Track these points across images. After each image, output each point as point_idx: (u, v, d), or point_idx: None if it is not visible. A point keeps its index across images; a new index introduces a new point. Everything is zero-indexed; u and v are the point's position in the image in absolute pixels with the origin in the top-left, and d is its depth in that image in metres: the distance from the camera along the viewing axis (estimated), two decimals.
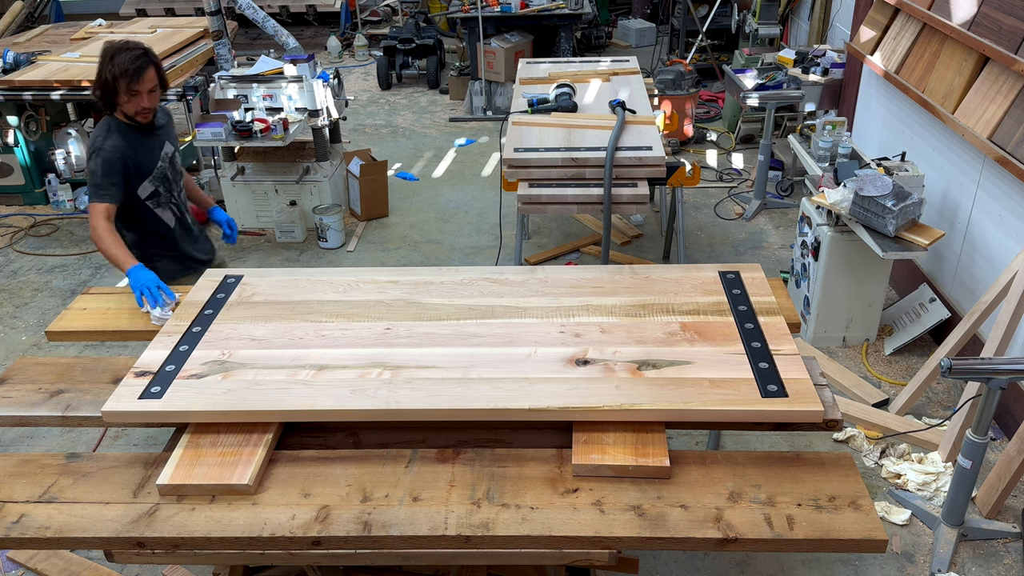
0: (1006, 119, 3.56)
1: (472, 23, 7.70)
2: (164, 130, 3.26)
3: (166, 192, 3.23)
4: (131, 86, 2.96)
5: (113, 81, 2.94)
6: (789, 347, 2.24)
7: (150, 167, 3.15)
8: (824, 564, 3.04)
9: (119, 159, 3.03)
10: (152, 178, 3.16)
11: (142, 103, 3.02)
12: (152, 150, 3.17)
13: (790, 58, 6.16)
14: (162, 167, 3.20)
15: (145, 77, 2.97)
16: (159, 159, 3.19)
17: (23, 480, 2.08)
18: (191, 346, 2.35)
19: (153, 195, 3.19)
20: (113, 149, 3.03)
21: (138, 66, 2.94)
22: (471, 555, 1.90)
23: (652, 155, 3.81)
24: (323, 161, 5.77)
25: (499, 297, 2.57)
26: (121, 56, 2.93)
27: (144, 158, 3.13)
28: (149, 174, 3.15)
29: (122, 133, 3.07)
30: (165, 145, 3.23)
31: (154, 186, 3.17)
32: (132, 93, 2.98)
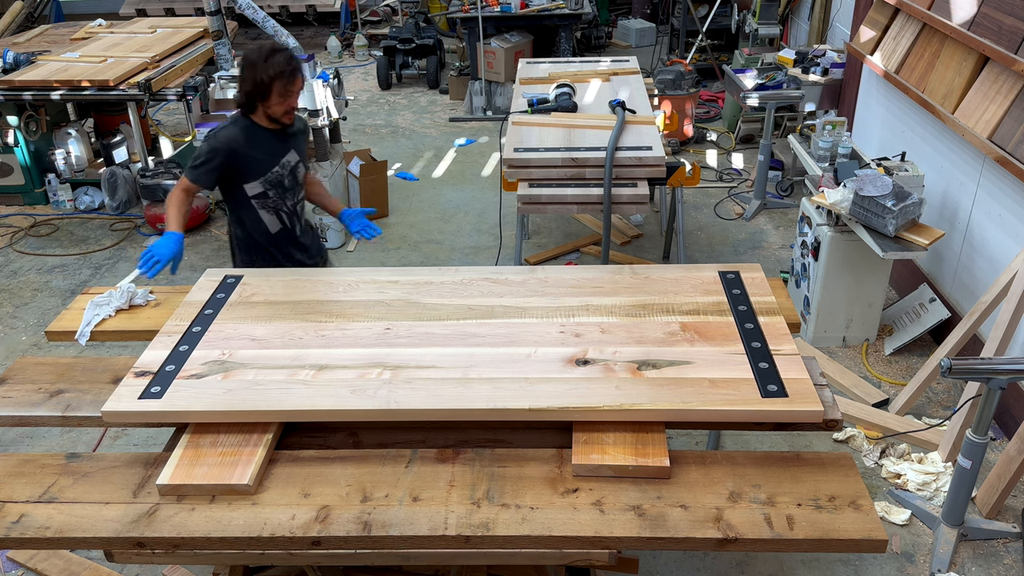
0: (1006, 119, 3.56)
1: (472, 23, 7.70)
2: (295, 139, 3.26)
3: (276, 198, 3.22)
4: (287, 87, 2.99)
5: (269, 82, 2.96)
6: (789, 347, 2.24)
7: (264, 169, 3.14)
8: (824, 564, 3.04)
9: (225, 150, 3.06)
10: (264, 180, 3.16)
11: (293, 103, 3.06)
12: (274, 154, 3.16)
13: (790, 58, 6.16)
14: (279, 173, 3.18)
15: (299, 81, 3.03)
16: (278, 164, 3.17)
17: (23, 480, 2.08)
18: (191, 346, 2.35)
19: (261, 196, 3.19)
20: (225, 140, 3.06)
21: (293, 67, 2.98)
22: (471, 555, 1.90)
23: (652, 155, 3.81)
24: (323, 161, 5.77)
25: (499, 297, 2.57)
26: (276, 57, 2.95)
27: (261, 158, 3.13)
28: (261, 175, 3.14)
29: (245, 129, 3.10)
30: (290, 153, 3.22)
31: (263, 188, 3.17)
32: (286, 94, 3.01)
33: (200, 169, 3.08)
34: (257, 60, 2.98)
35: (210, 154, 3.06)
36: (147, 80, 5.75)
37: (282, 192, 3.23)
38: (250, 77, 3.00)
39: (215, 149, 3.06)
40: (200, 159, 3.08)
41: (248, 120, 3.11)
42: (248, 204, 3.20)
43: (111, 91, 5.70)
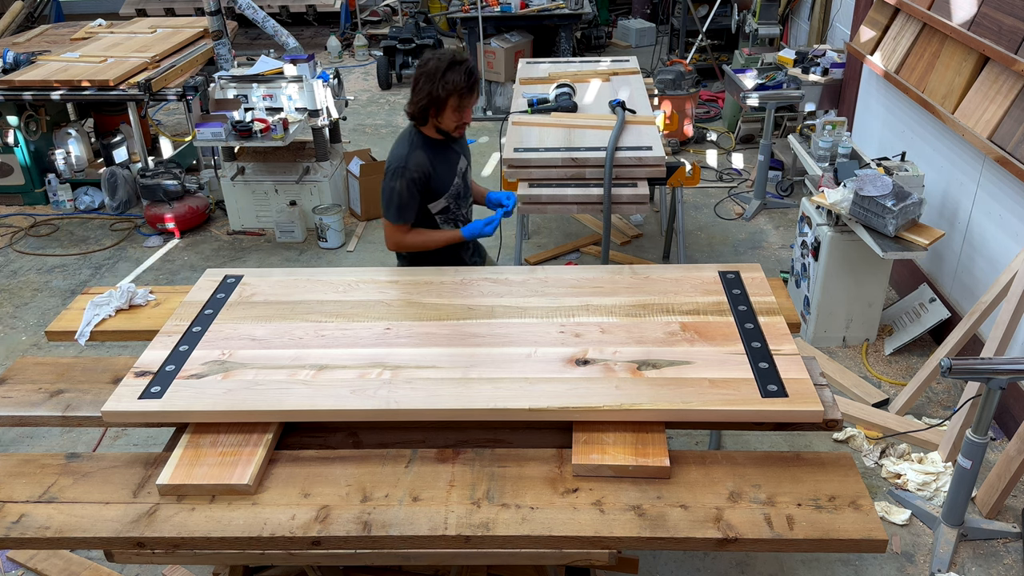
0: (1006, 119, 3.56)
1: (472, 23, 7.70)
2: (460, 143, 3.16)
3: (455, 208, 3.15)
4: (463, 101, 2.88)
5: (446, 97, 2.85)
6: (789, 347, 2.24)
7: (447, 184, 3.06)
8: (824, 564, 3.04)
9: (421, 178, 2.96)
10: (447, 195, 3.08)
11: (466, 118, 2.96)
12: (451, 165, 3.08)
13: (790, 58, 6.16)
14: (457, 184, 3.10)
15: (475, 94, 2.91)
16: (455, 175, 3.09)
17: (23, 480, 2.08)
18: (191, 346, 2.35)
19: (444, 211, 3.11)
20: (418, 168, 2.95)
21: (471, 82, 2.87)
22: (471, 555, 1.90)
23: (652, 155, 3.81)
24: (323, 161, 5.77)
25: (499, 297, 2.57)
26: (454, 72, 2.83)
27: (444, 175, 3.04)
28: (445, 191, 3.06)
29: (426, 148, 2.99)
30: (460, 160, 3.13)
31: (447, 203, 3.10)
32: (461, 109, 2.90)
33: (409, 208, 2.98)
34: (435, 72, 2.85)
35: (411, 187, 2.95)
36: (147, 80, 5.75)
37: (459, 201, 3.15)
38: (426, 90, 2.87)
39: (414, 181, 2.95)
40: (405, 198, 2.96)
41: (422, 136, 3.00)
42: (430, 222, 3.10)
43: (111, 91, 5.70)
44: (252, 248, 5.65)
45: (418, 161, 2.95)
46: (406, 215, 2.99)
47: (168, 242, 5.74)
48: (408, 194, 2.95)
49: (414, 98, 2.94)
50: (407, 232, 3.04)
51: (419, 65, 2.92)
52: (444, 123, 2.94)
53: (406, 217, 2.99)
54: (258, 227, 5.87)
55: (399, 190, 2.94)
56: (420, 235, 3.05)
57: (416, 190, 2.96)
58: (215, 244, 5.71)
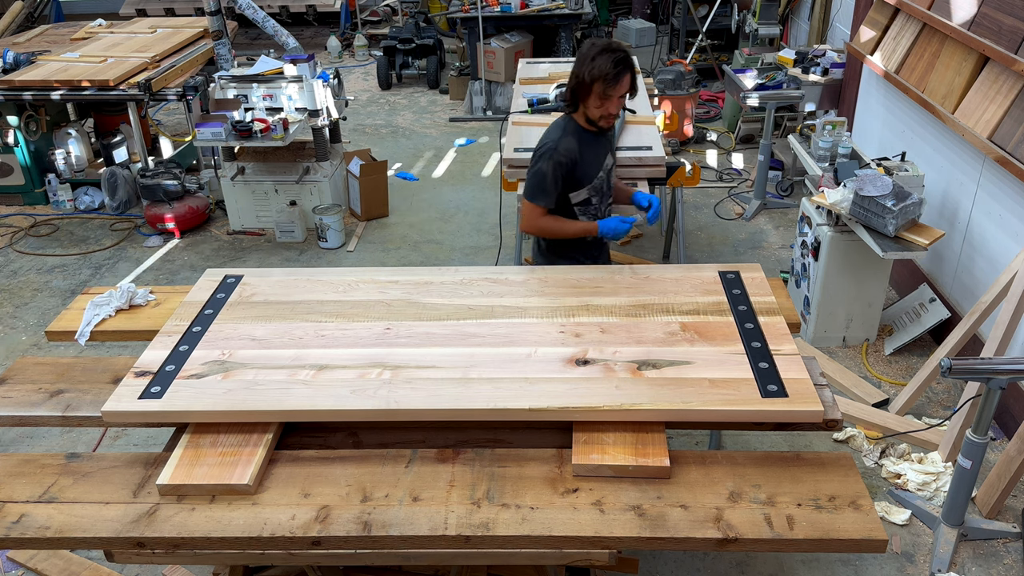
0: (1006, 119, 3.56)
1: (472, 23, 7.70)
2: (609, 140, 3.12)
3: (597, 203, 3.12)
4: (606, 90, 2.82)
5: (590, 82, 2.81)
6: (789, 347, 2.24)
7: (591, 176, 3.03)
8: (824, 564, 3.04)
9: (568, 163, 2.94)
10: (589, 187, 3.05)
11: (611, 108, 2.89)
12: (599, 157, 3.04)
13: (790, 58, 6.16)
14: (601, 178, 3.07)
15: (622, 83, 2.83)
16: (600, 169, 3.06)
17: (23, 480, 2.08)
18: (191, 346, 2.35)
19: (584, 203, 3.08)
20: (567, 153, 2.93)
21: (618, 71, 2.79)
22: (471, 555, 1.90)
23: (652, 155, 3.81)
24: (323, 161, 5.77)
25: (499, 297, 2.57)
26: (603, 58, 2.79)
27: (589, 166, 3.01)
28: (588, 183, 3.04)
29: (577, 136, 2.96)
30: (608, 156, 3.10)
31: (588, 195, 3.07)
32: (605, 97, 2.84)
33: (550, 192, 2.96)
34: (585, 57, 2.82)
35: (556, 171, 2.94)
36: (147, 80, 5.75)
37: (601, 196, 3.12)
38: (575, 72, 2.86)
39: (560, 164, 2.93)
40: (548, 181, 2.95)
41: (574, 123, 2.98)
42: (568, 211, 3.07)
43: (111, 91, 5.70)
44: (252, 248, 5.65)
45: (567, 147, 2.94)
46: (546, 198, 2.98)
47: (168, 242, 5.74)
48: (552, 177, 2.94)
49: (568, 82, 2.93)
50: (543, 215, 3.02)
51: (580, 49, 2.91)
52: (590, 111, 2.90)
53: (546, 200, 2.98)
54: (258, 227, 5.87)
55: (544, 172, 2.94)
56: (555, 221, 3.03)
57: (560, 175, 2.95)
58: (215, 244, 5.71)
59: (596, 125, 2.96)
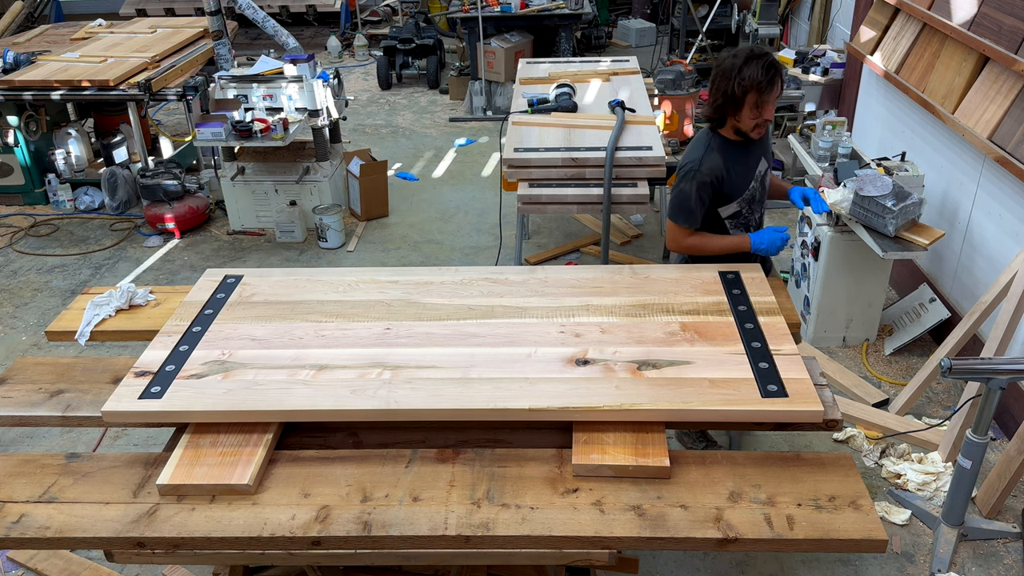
0: (1006, 119, 3.56)
1: (472, 23, 7.70)
2: (762, 144, 2.96)
3: (748, 213, 2.99)
4: (762, 98, 2.70)
5: (742, 94, 2.69)
6: (789, 347, 2.23)
7: (741, 188, 2.92)
8: (824, 564, 3.04)
9: (714, 181, 2.85)
10: (740, 200, 2.94)
11: (766, 115, 2.76)
12: (749, 168, 2.92)
13: (790, 58, 6.16)
14: (753, 188, 2.95)
15: (776, 87, 2.71)
16: (753, 179, 2.94)
17: (23, 480, 2.08)
18: (191, 346, 2.35)
19: (734, 216, 2.97)
20: (710, 172, 2.84)
21: (771, 76, 2.68)
22: (471, 555, 1.90)
23: (652, 155, 3.81)
24: (323, 161, 5.77)
25: (499, 297, 2.57)
26: (752, 67, 2.67)
27: (738, 179, 2.90)
28: (739, 196, 2.92)
29: (722, 151, 2.86)
30: (760, 162, 2.96)
31: (739, 207, 2.95)
32: (760, 106, 2.72)
33: (695, 212, 2.88)
34: (731, 69, 2.69)
35: (701, 191, 2.85)
36: (147, 80, 5.75)
37: (752, 206, 2.99)
38: (721, 88, 2.73)
39: (704, 185, 2.84)
40: (692, 202, 2.86)
41: (719, 138, 2.86)
42: (719, 226, 2.97)
43: (111, 91, 5.70)
44: (252, 248, 5.65)
45: (712, 165, 2.84)
46: (691, 219, 2.90)
47: (168, 242, 5.74)
48: (696, 198, 2.86)
49: (710, 98, 2.81)
50: (688, 235, 2.94)
51: (716, 63, 2.79)
52: (742, 123, 2.79)
53: (691, 221, 2.90)
54: (258, 227, 5.87)
55: (687, 192, 2.85)
56: (702, 239, 2.94)
57: (706, 195, 2.86)
58: (215, 244, 5.71)
59: (745, 135, 2.85)
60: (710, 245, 2.94)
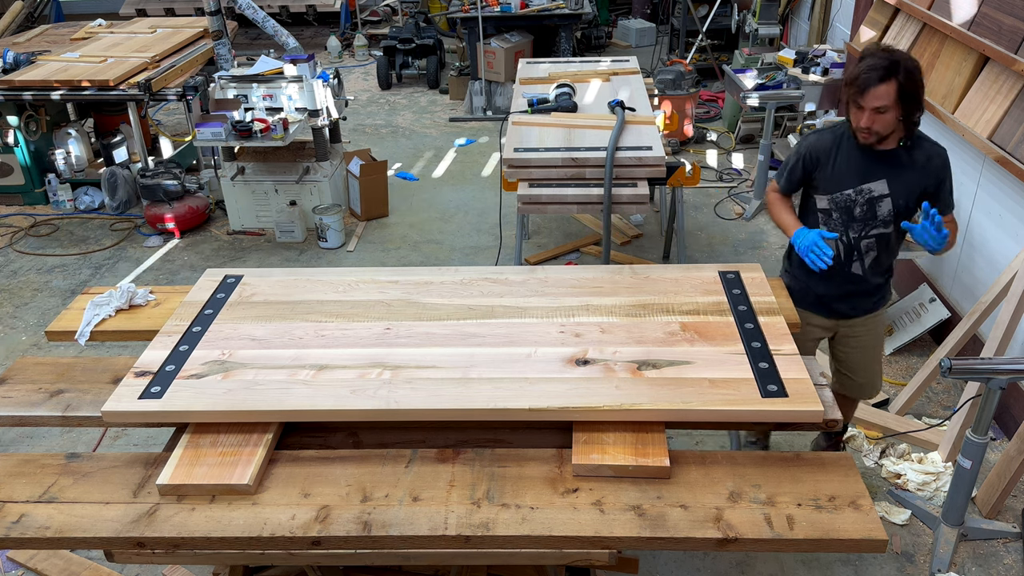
0: (1006, 119, 3.56)
1: (472, 23, 7.70)
2: (900, 169, 2.71)
3: (840, 222, 2.81)
4: (854, 97, 2.59)
5: (844, 84, 2.64)
6: (789, 347, 2.23)
7: (835, 188, 2.77)
8: (824, 564, 3.04)
9: (809, 159, 2.80)
10: (830, 199, 2.79)
11: (860, 120, 2.61)
12: (855, 176, 2.74)
13: (790, 58, 6.16)
14: (850, 197, 2.76)
15: (871, 93, 2.53)
16: (853, 188, 2.75)
17: (23, 480, 2.08)
18: (191, 346, 2.35)
19: (825, 213, 2.84)
20: (812, 148, 2.80)
21: (867, 78, 2.52)
22: (471, 555, 1.90)
23: (652, 155, 3.81)
24: (323, 161, 5.77)
25: (499, 297, 2.57)
26: (862, 62, 2.56)
27: (840, 176, 2.75)
28: (829, 193, 2.79)
29: (839, 139, 2.77)
30: (877, 183, 2.72)
31: (829, 207, 2.81)
32: (854, 106, 2.62)
33: (784, 175, 2.90)
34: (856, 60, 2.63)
35: (794, 159, 2.84)
36: (147, 80, 5.75)
37: (848, 220, 2.80)
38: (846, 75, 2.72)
39: (798, 154, 2.83)
40: (786, 164, 2.88)
41: (846, 126, 2.75)
42: (814, 217, 2.88)
43: (111, 91, 5.70)
44: (252, 248, 5.65)
45: (818, 143, 2.80)
46: (781, 179, 2.93)
47: (168, 242, 5.74)
48: (791, 164, 2.86)
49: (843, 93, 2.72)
50: (772, 190, 2.98)
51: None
52: (852, 119, 2.68)
53: (780, 179, 2.93)
54: (258, 227, 5.87)
55: (792, 152, 2.86)
56: (776, 203, 2.96)
57: (800, 167, 2.84)
58: (215, 244, 5.71)
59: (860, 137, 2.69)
60: (774, 210, 2.96)
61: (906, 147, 2.72)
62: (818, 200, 2.84)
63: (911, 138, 2.71)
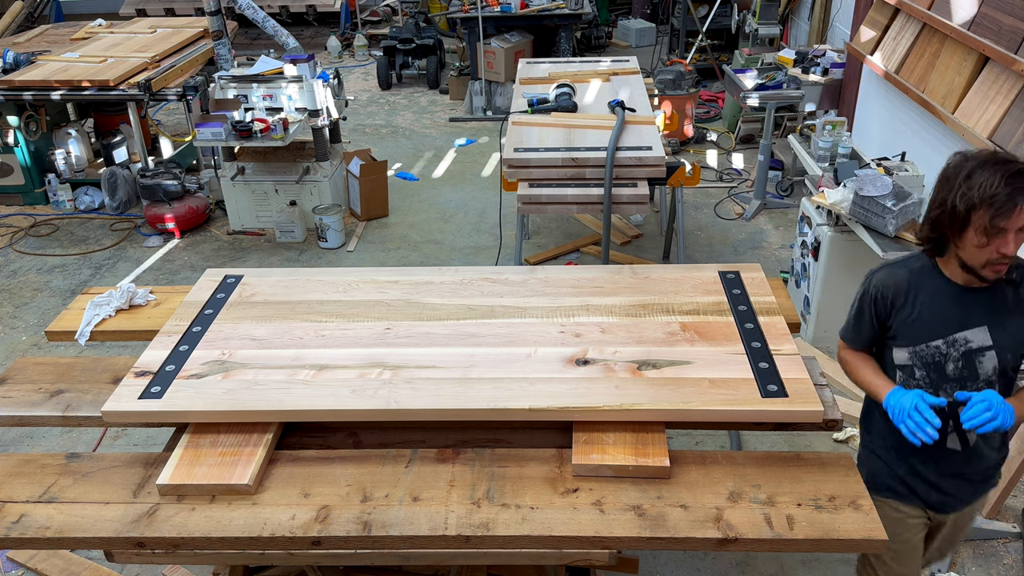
0: (1006, 119, 3.56)
1: (472, 23, 7.71)
2: (1005, 312, 2.09)
3: (927, 379, 2.16)
4: (995, 221, 1.91)
5: (966, 210, 1.94)
6: (789, 347, 2.23)
7: (919, 336, 2.13)
8: (824, 564, 3.04)
9: (877, 301, 2.19)
10: (913, 352, 2.14)
11: (1003, 248, 1.94)
12: (949, 323, 2.10)
13: (790, 58, 6.17)
14: (940, 351, 2.11)
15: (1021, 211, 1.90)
16: (943, 339, 2.10)
17: (23, 480, 2.08)
18: (191, 346, 2.35)
19: (904, 369, 2.19)
20: (881, 287, 2.18)
21: (1012, 191, 1.89)
22: (471, 555, 1.90)
23: (652, 155, 3.81)
24: (323, 161, 5.77)
25: (499, 297, 2.57)
26: (984, 173, 1.93)
27: (923, 324, 2.12)
28: (913, 344, 2.14)
29: (917, 272, 2.14)
30: (977, 331, 2.09)
31: (911, 361, 2.16)
32: (992, 233, 1.93)
33: (852, 327, 2.29)
34: (956, 174, 1.99)
35: (860, 305, 2.25)
36: (147, 80, 5.75)
37: (938, 379, 2.14)
38: (939, 197, 2.02)
39: (865, 298, 2.22)
40: (852, 314, 2.29)
41: (929, 262, 2.14)
42: (891, 375, 2.24)
43: (111, 91, 5.70)
44: (252, 248, 5.65)
45: (890, 281, 2.17)
46: (847, 329, 2.31)
47: (168, 242, 5.74)
48: (857, 309, 2.26)
49: (928, 210, 2.08)
50: (844, 347, 2.35)
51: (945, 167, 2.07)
52: (965, 252, 2.01)
53: (846, 331, 2.32)
54: (258, 227, 5.87)
55: (856, 297, 2.27)
56: (853, 360, 2.30)
57: (869, 311, 2.22)
58: (215, 244, 5.71)
59: (975, 273, 2.04)
60: (854, 371, 2.29)
61: (1011, 280, 2.08)
62: (896, 353, 2.19)
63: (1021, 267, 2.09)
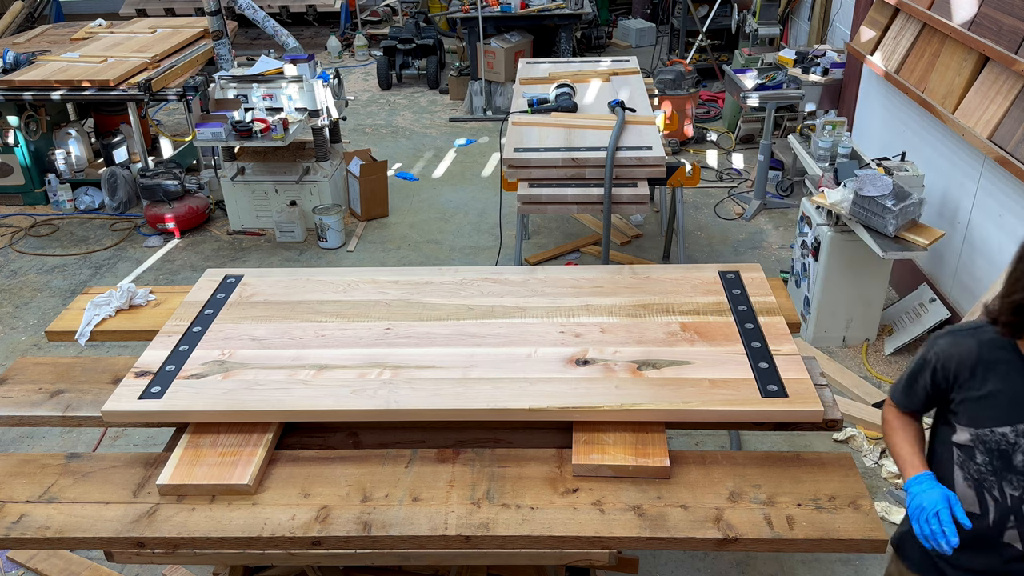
0: (1006, 119, 3.56)
1: (472, 23, 7.70)
2: None
3: (987, 471, 1.87)
4: None
5: None
6: (789, 347, 2.23)
7: (985, 418, 1.85)
8: (824, 564, 3.04)
9: (940, 371, 1.91)
10: (977, 434, 1.86)
11: None
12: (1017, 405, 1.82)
13: (790, 58, 6.17)
14: (1007, 439, 1.83)
15: None
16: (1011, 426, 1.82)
17: (23, 480, 2.08)
18: (191, 346, 2.35)
19: (966, 451, 1.90)
20: (944, 354, 1.91)
21: None
22: (471, 555, 1.90)
23: (652, 155, 3.81)
24: (323, 161, 5.77)
25: (499, 297, 2.57)
26: None
27: (989, 399, 1.85)
28: (975, 425, 1.87)
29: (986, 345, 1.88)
30: None
31: (972, 443, 1.88)
32: None
33: (903, 387, 2.03)
34: None
35: (920, 367, 1.98)
36: (147, 80, 5.75)
37: (1003, 469, 1.85)
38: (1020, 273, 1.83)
39: (925, 361, 1.96)
40: (907, 373, 2.03)
41: (1009, 347, 1.87)
42: (947, 452, 1.95)
43: (111, 91, 5.70)
44: (252, 248, 5.65)
45: (952, 349, 1.91)
46: (897, 391, 2.06)
47: (168, 242, 5.74)
48: (913, 372, 2.00)
49: (1005, 286, 1.87)
50: (889, 408, 2.09)
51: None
52: None
53: (896, 393, 2.06)
54: (258, 227, 5.87)
55: (918, 357, 2.00)
56: (896, 425, 2.05)
57: (926, 380, 1.96)
58: (215, 244, 5.71)
59: None
60: (890, 435, 2.06)
61: None
62: (958, 431, 1.92)
63: None
